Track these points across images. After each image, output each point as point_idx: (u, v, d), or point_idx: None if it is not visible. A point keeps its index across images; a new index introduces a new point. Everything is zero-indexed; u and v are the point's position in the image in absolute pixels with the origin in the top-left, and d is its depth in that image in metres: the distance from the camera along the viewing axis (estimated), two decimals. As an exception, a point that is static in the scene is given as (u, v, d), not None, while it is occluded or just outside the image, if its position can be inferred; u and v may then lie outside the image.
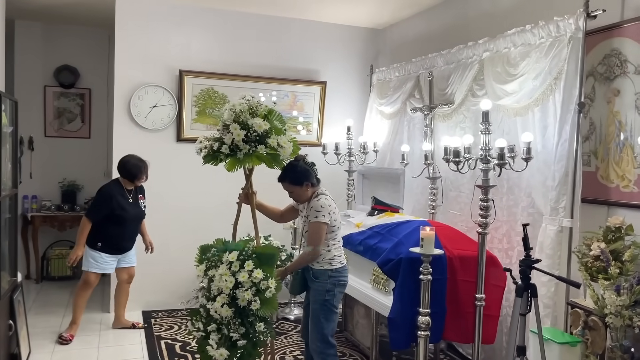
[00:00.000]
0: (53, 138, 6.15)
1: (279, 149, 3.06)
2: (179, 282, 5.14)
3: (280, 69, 5.35)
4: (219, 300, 2.93)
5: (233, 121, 3.04)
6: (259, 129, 3.01)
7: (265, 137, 3.04)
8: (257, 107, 3.12)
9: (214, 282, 2.98)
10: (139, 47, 4.93)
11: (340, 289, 3.25)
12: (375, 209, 4.03)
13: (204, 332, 3.01)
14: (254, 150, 3.01)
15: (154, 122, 5.01)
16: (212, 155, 3.11)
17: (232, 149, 3.02)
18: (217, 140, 3.10)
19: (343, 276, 3.24)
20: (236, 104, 3.08)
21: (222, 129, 3.11)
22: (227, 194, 5.03)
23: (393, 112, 4.99)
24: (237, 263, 2.99)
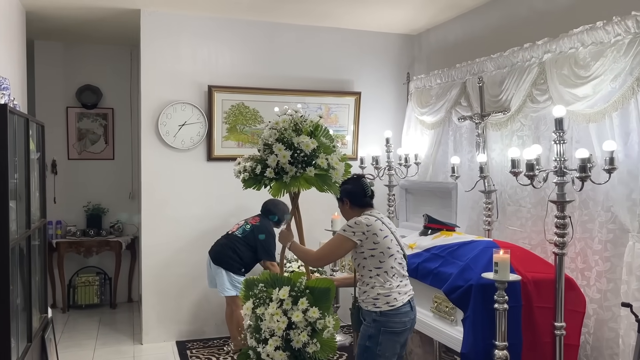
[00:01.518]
0: (76, 160, 5.93)
1: (331, 171, 2.76)
2: (212, 310, 4.86)
3: (312, 80, 5.08)
4: (272, 344, 2.69)
5: (276, 140, 2.76)
6: (306, 148, 2.71)
7: (313, 156, 2.75)
8: (302, 122, 2.84)
9: (263, 322, 2.73)
10: (165, 64, 4.69)
11: (389, 336, 2.63)
12: (428, 228, 3.71)
13: None
14: (301, 173, 2.72)
15: (183, 141, 4.76)
16: (254, 178, 2.83)
17: (277, 171, 2.74)
18: (258, 161, 2.82)
19: (392, 322, 2.62)
20: (279, 121, 2.81)
21: (263, 149, 2.83)
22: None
23: (436, 122, 4.68)
24: (289, 300, 2.73)
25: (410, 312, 2.69)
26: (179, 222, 4.75)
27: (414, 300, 2.77)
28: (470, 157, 4.29)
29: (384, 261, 2.67)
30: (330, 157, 2.79)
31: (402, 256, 2.75)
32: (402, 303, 2.66)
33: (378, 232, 2.67)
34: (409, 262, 3.42)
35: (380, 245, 2.66)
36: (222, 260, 4.29)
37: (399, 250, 2.72)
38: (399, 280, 2.70)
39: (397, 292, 2.66)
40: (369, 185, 2.85)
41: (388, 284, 2.66)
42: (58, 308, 5.74)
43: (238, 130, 4.89)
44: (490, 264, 2.86)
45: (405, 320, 2.67)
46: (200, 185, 4.82)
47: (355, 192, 2.82)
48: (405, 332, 2.70)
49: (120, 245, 5.74)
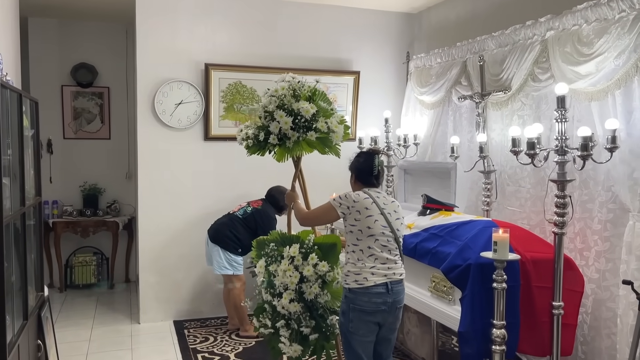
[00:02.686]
0: (72, 140, 5.87)
1: (331, 134, 2.88)
2: (209, 290, 4.86)
3: (311, 59, 5.01)
4: (286, 297, 2.88)
5: (277, 107, 2.85)
6: (306, 113, 2.81)
7: (313, 121, 2.85)
8: (300, 88, 2.92)
9: (277, 278, 2.93)
10: (161, 41, 4.61)
11: (359, 315, 2.61)
12: (427, 208, 3.69)
13: (272, 329, 2.97)
14: (303, 137, 2.85)
15: (180, 120, 4.70)
16: (257, 145, 2.94)
17: (280, 137, 2.85)
18: (260, 128, 2.92)
19: (361, 300, 2.60)
20: (278, 89, 2.89)
21: (264, 116, 2.92)
22: (261, 194, 4.77)
23: (436, 102, 4.63)
24: (299, 256, 2.92)
25: (385, 294, 2.63)
26: (175, 202, 4.71)
27: (400, 285, 2.71)
28: (470, 137, 4.25)
29: (361, 240, 2.66)
30: (329, 120, 2.88)
31: (388, 239, 2.69)
32: (374, 284, 2.62)
33: (362, 210, 2.65)
34: (407, 242, 3.43)
35: (360, 224, 2.65)
36: (219, 239, 4.30)
37: (384, 232, 2.66)
38: (376, 261, 2.65)
39: (370, 272, 2.63)
40: (377, 164, 2.79)
41: (360, 262, 2.65)
42: (55, 288, 5.74)
43: (235, 110, 4.83)
44: (489, 243, 2.84)
45: (378, 301, 2.62)
46: (197, 165, 4.78)
47: (362, 168, 2.80)
48: (379, 314, 2.64)
49: (117, 226, 5.72)
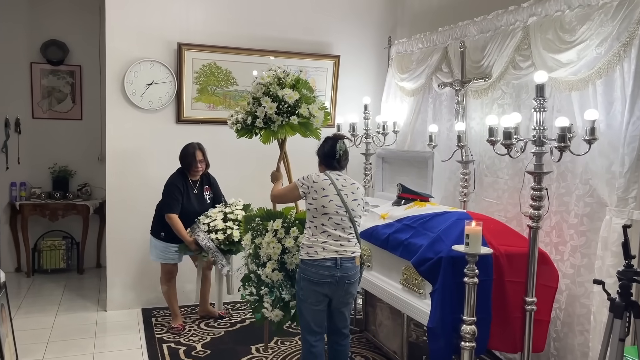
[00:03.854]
0: (42, 120, 5.66)
1: (312, 118, 3.21)
2: (180, 278, 4.71)
3: (289, 41, 4.84)
4: (269, 266, 3.17)
5: (263, 94, 3.18)
6: (289, 99, 3.13)
7: (296, 107, 3.17)
8: (285, 77, 3.25)
9: (261, 250, 3.20)
10: (132, 18, 4.41)
11: (308, 284, 2.88)
12: (402, 198, 3.57)
13: (257, 296, 3.26)
14: (287, 122, 3.17)
15: (151, 102, 4.52)
16: (246, 129, 3.28)
17: (266, 121, 3.18)
18: (248, 113, 3.24)
19: (310, 271, 2.86)
20: (264, 76, 3.23)
21: (252, 102, 3.25)
22: (234, 178, 4.63)
23: (416, 88, 4.50)
24: (282, 230, 3.20)
25: (332, 268, 2.84)
26: (145, 186, 4.54)
27: (351, 262, 2.89)
28: (449, 126, 4.13)
29: (316, 217, 2.90)
30: (311, 106, 3.21)
31: (342, 219, 2.89)
32: (323, 257, 2.84)
33: (319, 190, 2.90)
34: (379, 233, 3.34)
35: (316, 203, 2.88)
36: (151, 225, 4.20)
37: (338, 212, 2.87)
38: (328, 237, 2.87)
39: (321, 247, 2.86)
40: (339, 149, 3.00)
41: (313, 237, 2.89)
42: (22, 272, 5.57)
43: (209, 92, 4.66)
44: (462, 236, 2.74)
45: (325, 274, 2.83)
46: (169, 149, 4.57)
47: (326, 152, 3.03)
48: (326, 285, 2.85)
49: (88, 209, 5.54)
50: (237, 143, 3.82)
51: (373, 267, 3.54)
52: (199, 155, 4.06)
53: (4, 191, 5.59)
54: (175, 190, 4.01)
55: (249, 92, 3.26)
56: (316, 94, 3.47)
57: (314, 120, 3.19)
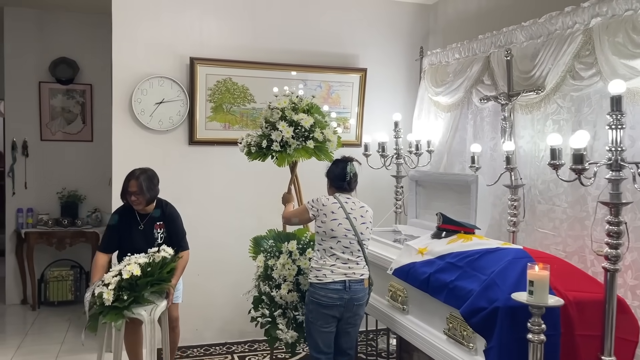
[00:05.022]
0: (50, 142, 5.36)
1: (327, 142, 3.31)
2: (196, 312, 4.28)
3: (311, 54, 4.44)
4: (285, 288, 3.19)
5: (279, 119, 3.25)
6: (305, 124, 3.22)
7: (311, 131, 3.25)
8: (299, 102, 3.32)
9: (275, 271, 3.21)
10: (141, 31, 4.07)
11: (316, 307, 2.90)
12: (442, 230, 3.08)
13: (269, 318, 3.21)
14: (302, 145, 3.24)
15: (161, 122, 4.14)
16: (259, 152, 3.31)
17: (282, 145, 3.22)
18: (263, 137, 3.28)
19: (318, 294, 2.89)
20: (280, 102, 3.29)
21: (265, 126, 3.31)
22: (251, 200, 4.22)
23: (453, 103, 4.03)
24: (297, 251, 3.23)
25: (341, 290, 2.87)
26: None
27: (359, 284, 2.92)
28: (493, 145, 3.65)
29: (325, 240, 2.92)
30: (325, 131, 3.31)
31: (351, 242, 2.91)
32: (332, 280, 2.87)
33: (328, 213, 2.92)
34: (418, 272, 2.88)
35: (325, 226, 2.91)
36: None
37: (347, 235, 2.90)
38: (337, 260, 2.89)
39: (330, 270, 2.88)
40: (349, 171, 3.01)
41: (322, 260, 2.91)
42: (28, 305, 5.21)
43: (224, 110, 4.26)
44: (521, 280, 2.26)
45: (334, 296, 2.86)
46: (181, 173, 4.22)
47: (336, 174, 3.04)
48: (335, 308, 2.88)
49: (97, 237, 5.17)
50: (253, 165, 3.56)
51: (410, 310, 3.05)
52: (133, 185, 3.17)
53: (10, 218, 5.28)
54: (111, 226, 3.27)
55: (263, 116, 3.35)
56: (330, 115, 3.68)
57: (329, 144, 3.31)
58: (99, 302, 2.91)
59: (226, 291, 4.27)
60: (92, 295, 2.97)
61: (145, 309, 3.02)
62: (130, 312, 2.96)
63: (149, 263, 3.02)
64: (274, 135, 3.21)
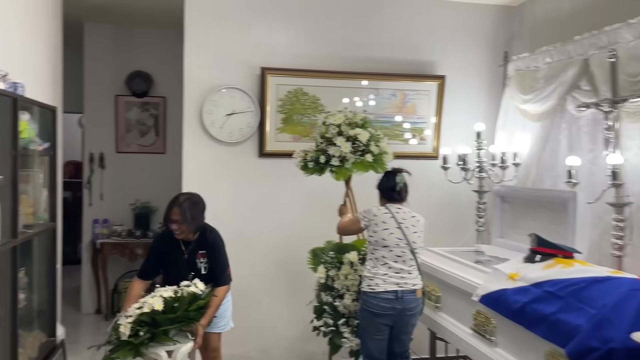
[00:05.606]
0: (125, 154, 5.45)
1: (384, 155, 3.36)
2: (267, 332, 4.13)
3: (385, 61, 4.21)
4: (348, 297, 3.24)
5: (337, 134, 3.30)
6: (362, 138, 3.27)
7: (368, 145, 3.30)
8: (353, 117, 3.37)
9: (337, 282, 3.28)
10: (212, 43, 4.00)
11: (368, 315, 2.95)
12: (537, 252, 2.74)
13: (333, 327, 3.28)
14: (360, 159, 3.29)
15: (231, 134, 4.05)
16: (317, 166, 3.35)
17: (341, 160, 3.28)
18: (319, 152, 3.34)
19: (370, 303, 2.93)
20: (336, 119, 3.34)
21: (320, 141, 3.35)
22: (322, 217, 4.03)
23: (544, 112, 3.66)
24: (358, 262, 3.27)
25: (393, 300, 2.89)
26: (223, 228, 4.04)
27: (412, 294, 2.93)
28: (592, 158, 3.26)
29: (377, 249, 2.96)
30: (381, 144, 3.35)
31: (403, 251, 2.94)
32: (384, 290, 2.89)
33: (380, 223, 2.96)
34: (510, 300, 2.57)
35: (377, 235, 2.95)
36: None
37: (399, 244, 2.93)
38: (389, 270, 2.92)
39: (382, 279, 2.91)
40: (399, 181, 3.04)
41: (375, 269, 2.95)
42: (102, 314, 5.29)
43: (295, 121, 4.12)
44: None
45: (385, 306, 2.89)
46: (250, 185, 4.10)
47: (386, 186, 3.08)
48: (386, 317, 2.92)
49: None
50: (321, 180, 3.46)
51: (499, 342, 2.72)
52: (175, 213, 2.86)
53: (87, 228, 5.40)
54: (153, 250, 3.05)
55: (318, 132, 3.39)
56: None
57: (386, 157, 3.35)
58: (115, 335, 2.58)
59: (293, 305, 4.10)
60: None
61: (165, 349, 2.61)
62: (147, 351, 2.56)
63: (177, 298, 2.63)
64: (331, 150, 3.26)
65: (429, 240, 3.78)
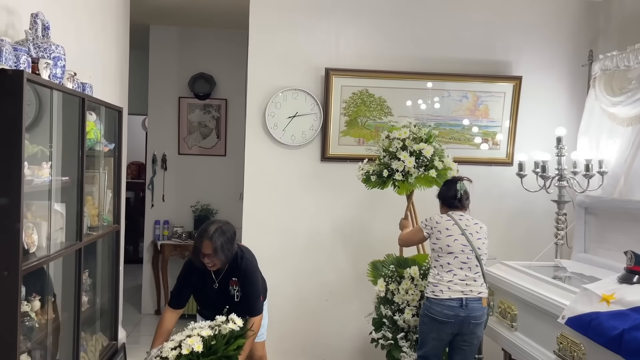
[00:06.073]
0: (187, 156, 5.46)
1: (448, 171, 3.30)
2: (320, 340, 3.99)
3: (455, 61, 3.98)
4: (408, 312, 3.20)
5: (400, 148, 3.27)
6: (427, 154, 3.24)
7: (432, 160, 3.26)
8: (418, 132, 3.32)
9: (397, 296, 3.24)
10: (277, 44, 3.91)
11: (430, 321, 2.87)
12: (634, 272, 2.45)
13: (392, 341, 3.23)
14: (424, 174, 3.25)
15: (294, 137, 3.94)
16: (379, 180, 3.32)
17: (404, 174, 3.25)
18: (382, 165, 3.32)
19: (433, 309, 2.85)
20: (401, 133, 3.29)
21: (383, 155, 3.34)
22: (379, 229, 3.86)
23: (636, 115, 3.33)
24: (419, 277, 3.23)
25: (457, 308, 2.80)
26: (283, 233, 3.95)
27: (477, 302, 2.83)
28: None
29: (442, 256, 2.90)
30: (445, 159, 3.30)
31: (469, 257, 2.87)
32: (448, 297, 2.82)
33: (443, 230, 2.91)
34: (605, 325, 2.29)
35: (441, 242, 2.90)
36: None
37: (464, 250, 2.87)
38: (454, 277, 2.85)
39: (447, 286, 2.84)
40: (459, 188, 2.98)
41: (439, 276, 2.88)
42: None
43: (359, 124, 3.96)
44: None
45: (449, 313, 2.80)
46: (312, 192, 3.98)
47: (446, 194, 3.03)
48: (449, 325, 2.83)
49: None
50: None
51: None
52: (207, 247, 2.61)
53: (148, 229, 5.45)
54: (182, 280, 2.85)
55: (381, 146, 3.37)
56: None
57: (450, 172, 3.29)
58: None
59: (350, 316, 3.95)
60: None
61: None
62: None
63: (214, 335, 2.45)
64: (395, 164, 3.23)
65: (502, 253, 3.54)
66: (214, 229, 2.64)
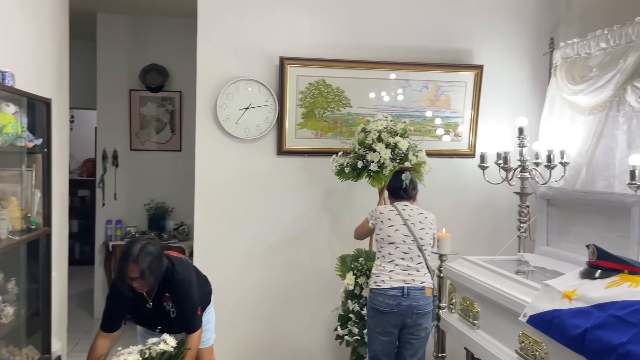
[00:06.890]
0: (139, 152, 5.21)
1: (423, 165, 3.35)
2: (280, 342, 3.82)
3: (416, 50, 3.84)
4: None
5: (376, 140, 3.28)
6: (402, 147, 3.27)
7: (407, 154, 3.29)
8: (394, 127, 3.35)
9: (365, 289, 3.19)
10: (227, 32, 3.70)
11: (375, 313, 2.90)
12: (597, 267, 2.34)
13: (358, 336, 3.24)
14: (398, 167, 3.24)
15: (247, 130, 3.74)
16: (353, 172, 3.34)
17: (379, 166, 3.26)
18: (357, 157, 3.32)
19: (376, 300, 2.88)
20: (377, 125, 3.31)
21: (358, 147, 3.34)
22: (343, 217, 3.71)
23: (597, 104, 3.24)
24: None
25: (399, 297, 2.82)
26: (237, 232, 3.75)
27: (420, 291, 2.86)
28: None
29: (384, 246, 2.94)
30: (420, 154, 3.35)
31: (410, 248, 2.90)
32: (390, 286, 2.84)
33: (385, 220, 2.95)
34: (567, 323, 2.18)
35: (383, 232, 2.94)
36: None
37: (405, 241, 2.90)
38: (396, 267, 2.88)
39: (388, 276, 2.87)
40: (404, 178, 3.01)
41: (381, 267, 2.91)
42: (115, 320, 5.04)
43: (317, 116, 3.78)
44: None
45: (391, 302, 2.82)
46: (268, 187, 3.79)
47: (393, 185, 3.07)
48: (393, 316, 2.84)
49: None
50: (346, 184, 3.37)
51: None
52: (133, 271, 2.33)
53: (100, 230, 5.18)
54: (111, 302, 2.56)
55: (357, 139, 3.37)
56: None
57: (425, 166, 3.34)
58: None
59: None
60: None
61: None
62: None
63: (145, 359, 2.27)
64: (370, 156, 3.24)
65: (465, 247, 3.42)
66: (138, 249, 2.33)
